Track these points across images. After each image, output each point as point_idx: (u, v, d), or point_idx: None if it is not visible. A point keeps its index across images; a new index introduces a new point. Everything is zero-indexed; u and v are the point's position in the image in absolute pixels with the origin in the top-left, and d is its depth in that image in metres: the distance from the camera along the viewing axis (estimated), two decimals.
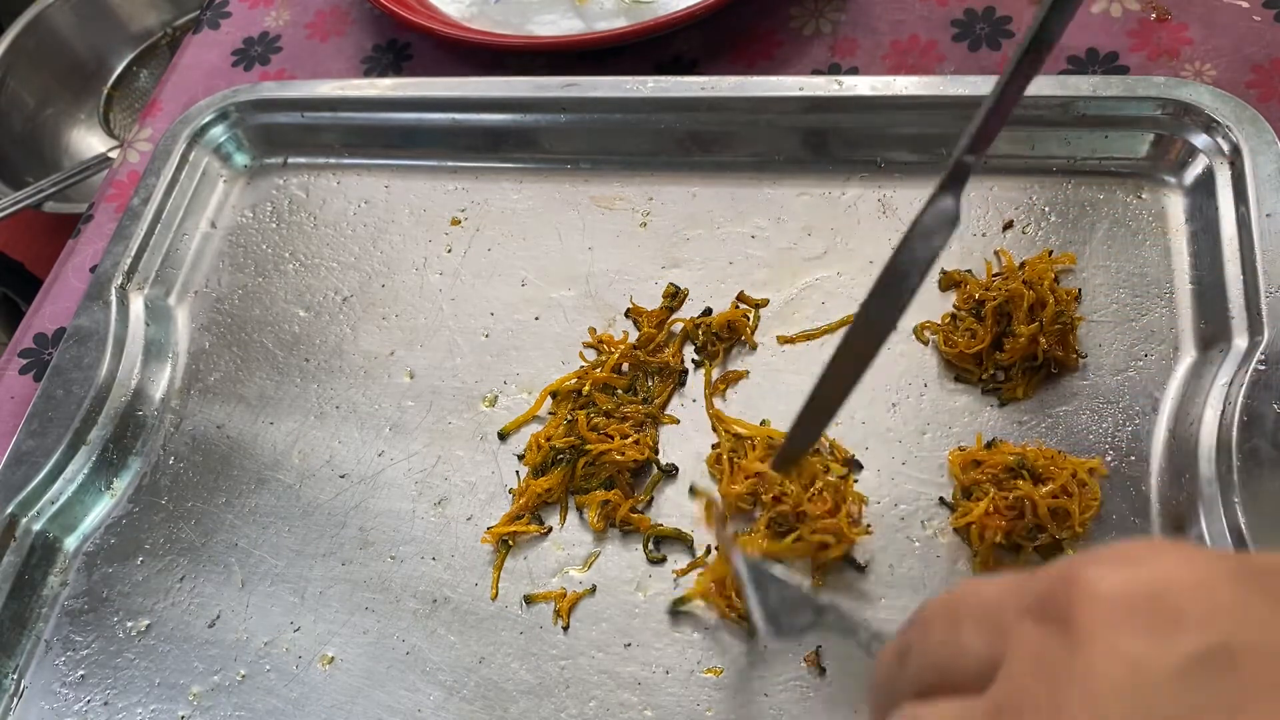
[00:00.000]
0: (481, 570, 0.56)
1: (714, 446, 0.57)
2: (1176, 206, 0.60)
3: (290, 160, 0.76)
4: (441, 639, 0.54)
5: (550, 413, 0.60)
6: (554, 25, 0.79)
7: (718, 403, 0.59)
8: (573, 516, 0.57)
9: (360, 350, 0.66)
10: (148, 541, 0.61)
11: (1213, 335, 0.55)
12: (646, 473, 0.57)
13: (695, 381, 0.60)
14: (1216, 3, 0.69)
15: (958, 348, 0.57)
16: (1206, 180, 0.59)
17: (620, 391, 0.60)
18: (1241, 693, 0.23)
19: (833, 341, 0.60)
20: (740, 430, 0.57)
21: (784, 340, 0.61)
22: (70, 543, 0.61)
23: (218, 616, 0.57)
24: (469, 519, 0.58)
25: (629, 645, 0.53)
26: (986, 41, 0.71)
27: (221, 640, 0.56)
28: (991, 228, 0.62)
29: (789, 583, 0.47)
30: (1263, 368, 0.51)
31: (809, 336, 0.60)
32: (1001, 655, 0.26)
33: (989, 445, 0.54)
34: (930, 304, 0.60)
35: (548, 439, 0.58)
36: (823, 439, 0.55)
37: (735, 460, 0.55)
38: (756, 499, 0.54)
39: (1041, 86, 0.62)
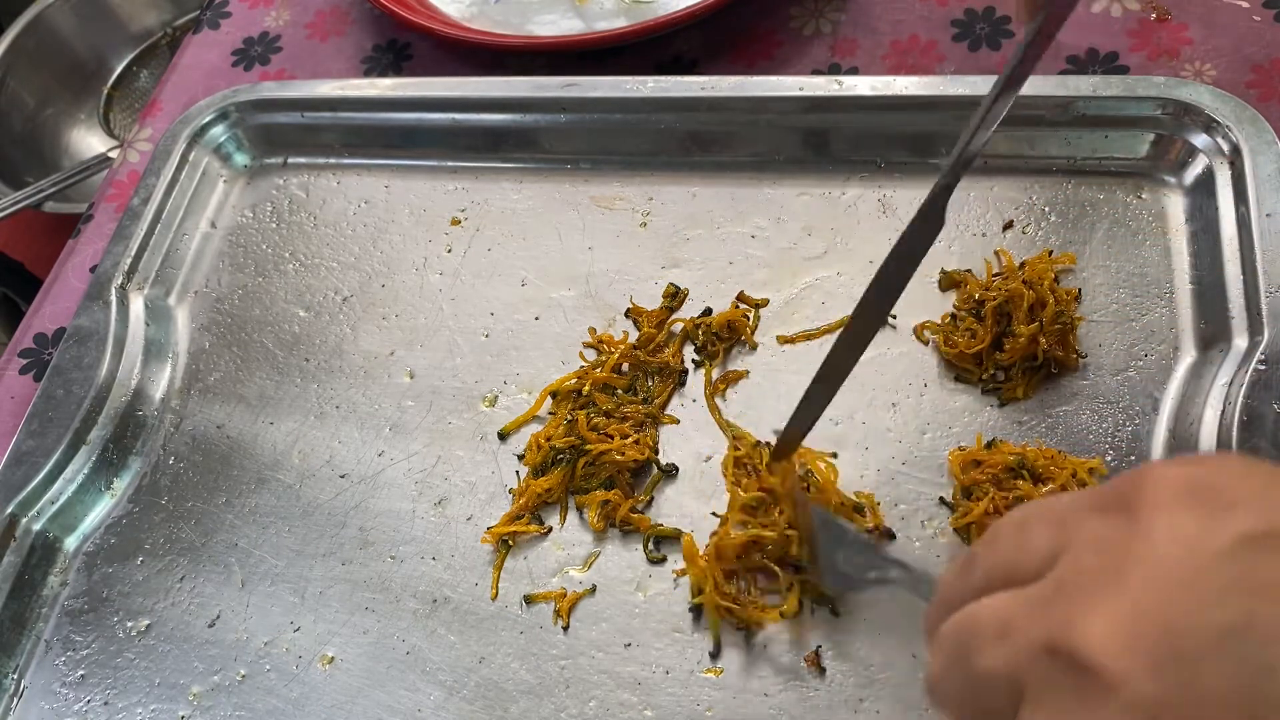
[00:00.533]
0: (481, 570, 0.56)
1: (734, 449, 0.57)
2: (1176, 206, 0.60)
3: (290, 160, 0.76)
4: (441, 639, 0.54)
5: (550, 413, 0.60)
6: (554, 25, 0.79)
7: (718, 402, 0.59)
8: (573, 516, 0.57)
9: (360, 350, 0.66)
10: (148, 541, 0.61)
11: (1213, 335, 0.55)
12: (646, 473, 0.57)
13: (695, 381, 0.60)
14: (1216, 3, 0.69)
15: (958, 348, 0.57)
16: (1206, 180, 0.59)
17: (620, 391, 0.60)
18: None
19: (833, 341, 0.60)
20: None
21: (784, 340, 0.61)
22: (70, 543, 0.61)
23: (218, 616, 0.57)
24: (469, 519, 0.58)
25: (629, 645, 0.53)
26: (986, 41, 0.71)
27: (221, 640, 0.56)
28: (991, 228, 0.62)
29: (857, 537, 0.48)
30: (1263, 368, 0.51)
31: (809, 336, 0.60)
32: (1066, 546, 0.28)
33: (989, 445, 0.54)
34: (930, 304, 0.60)
35: (548, 439, 0.58)
36: (867, 504, 0.54)
37: (754, 465, 0.55)
38: (754, 511, 0.54)
39: (1041, 86, 0.62)
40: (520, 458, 0.59)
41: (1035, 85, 0.62)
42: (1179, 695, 0.24)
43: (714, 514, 0.55)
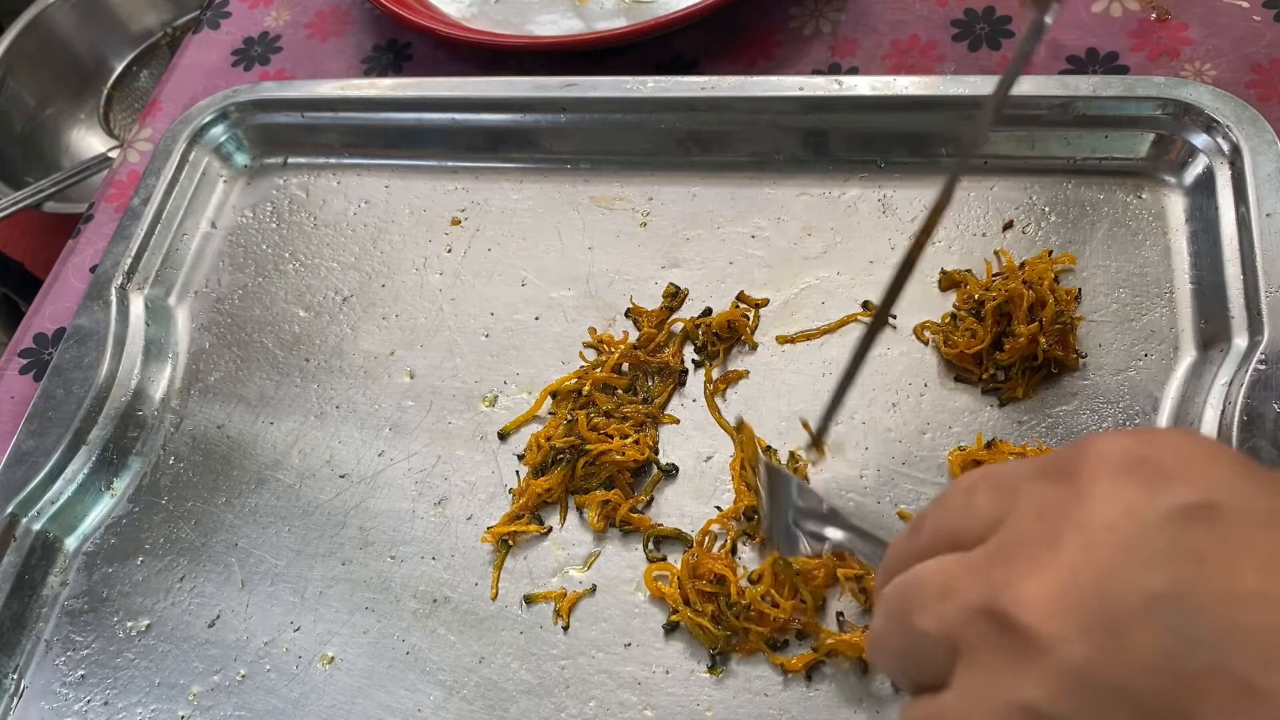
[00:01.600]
0: (481, 570, 0.56)
1: (741, 451, 0.56)
2: (1176, 206, 0.60)
3: (290, 160, 0.76)
4: (441, 639, 0.54)
5: (550, 413, 0.60)
6: (554, 25, 0.79)
7: (718, 402, 0.59)
8: (573, 516, 0.57)
9: (360, 350, 0.66)
10: (148, 541, 0.61)
11: (1213, 335, 0.55)
12: (646, 473, 0.57)
13: (695, 381, 0.60)
14: (1216, 3, 0.69)
15: (958, 348, 0.57)
16: (1206, 180, 0.59)
17: (620, 391, 0.60)
18: (1217, 542, 0.25)
19: (833, 341, 0.60)
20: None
21: (784, 340, 0.61)
22: (70, 543, 0.61)
23: (218, 616, 0.57)
24: (469, 519, 0.58)
25: (629, 645, 0.53)
26: (986, 41, 0.71)
27: (221, 640, 0.56)
28: (991, 228, 0.62)
29: (813, 498, 0.46)
30: (1263, 368, 0.51)
31: (809, 336, 0.60)
32: (1009, 512, 0.28)
33: (989, 445, 0.54)
34: (930, 304, 0.60)
35: (548, 439, 0.58)
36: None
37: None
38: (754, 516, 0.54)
39: (1041, 86, 0.62)
40: (520, 458, 0.59)
41: (1035, 85, 0.62)
42: (1106, 659, 0.25)
43: (718, 507, 0.55)
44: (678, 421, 0.59)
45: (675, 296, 0.63)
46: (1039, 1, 0.41)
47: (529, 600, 0.55)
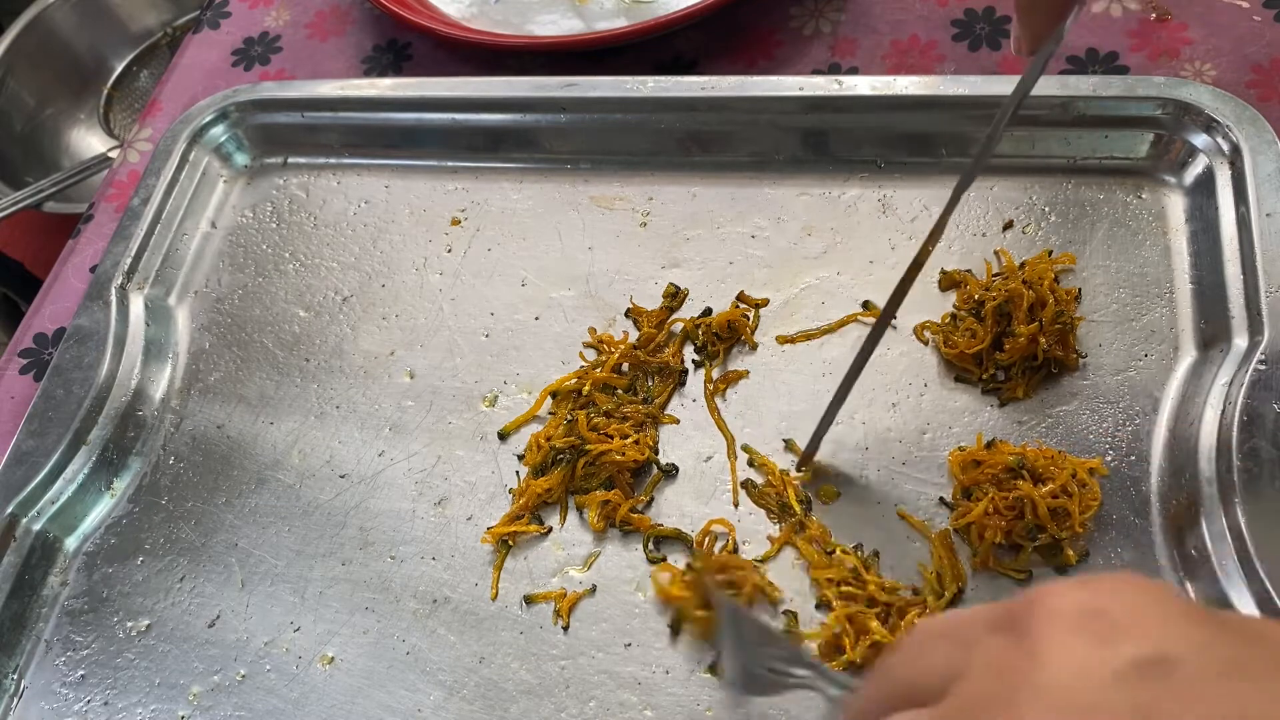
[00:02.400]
0: (481, 570, 0.56)
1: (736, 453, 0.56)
2: (1176, 206, 0.60)
3: (290, 160, 0.76)
4: (441, 639, 0.54)
5: (550, 413, 0.60)
6: (554, 25, 0.79)
7: (718, 402, 0.59)
8: (573, 516, 0.57)
9: (360, 350, 0.66)
10: (148, 541, 0.61)
11: (1213, 335, 0.55)
12: (646, 473, 0.57)
13: (695, 381, 0.60)
14: (1216, 3, 0.69)
15: (958, 348, 0.57)
16: (1206, 180, 0.59)
17: (620, 391, 0.60)
18: (1166, 698, 0.25)
19: (833, 341, 0.60)
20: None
21: (784, 340, 0.61)
22: (70, 543, 0.61)
23: (218, 616, 0.57)
24: (469, 519, 0.58)
25: (629, 645, 0.53)
26: (986, 41, 0.71)
27: (221, 640, 0.56)
28: (991, 228, 0.62)
29: (774, 637, 0.45)
30: (1263, 368, 0.51)
31: (809, 336, 0.60)
32: (964, 668, 0.28)
33: (989, 445, 0.54)
34: (930, 304, 0.60)
35: (548, 439, 0.58)
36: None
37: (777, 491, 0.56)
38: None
39: (1041, 86, 0.61)
40: (520, 458, 0.59)
41: (1036, 85, 0.62)
42: None
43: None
44: (678, 421, 0.59)
45: (675, 296, 0.63)
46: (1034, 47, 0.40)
47: (529, 600, 0.55)
